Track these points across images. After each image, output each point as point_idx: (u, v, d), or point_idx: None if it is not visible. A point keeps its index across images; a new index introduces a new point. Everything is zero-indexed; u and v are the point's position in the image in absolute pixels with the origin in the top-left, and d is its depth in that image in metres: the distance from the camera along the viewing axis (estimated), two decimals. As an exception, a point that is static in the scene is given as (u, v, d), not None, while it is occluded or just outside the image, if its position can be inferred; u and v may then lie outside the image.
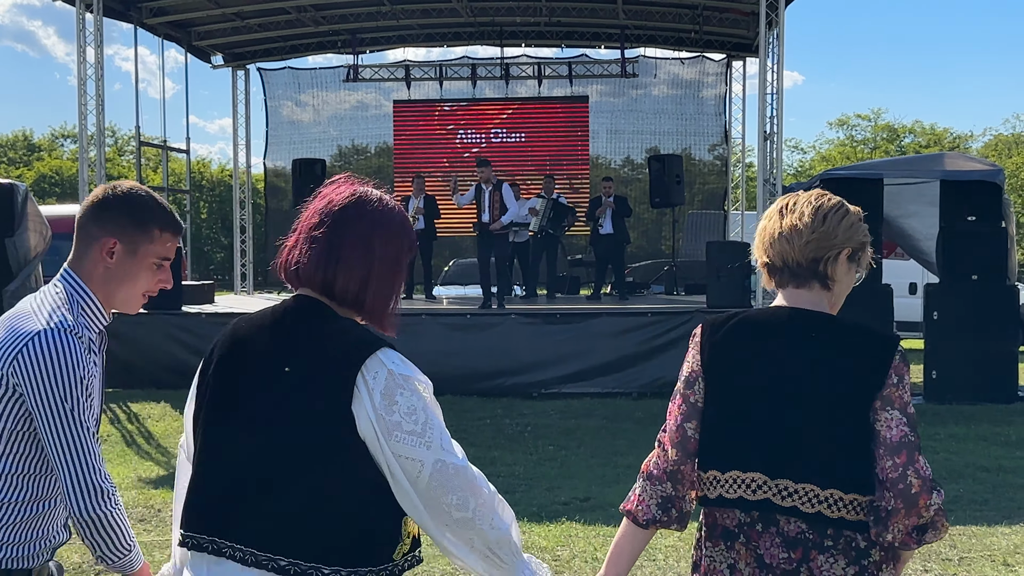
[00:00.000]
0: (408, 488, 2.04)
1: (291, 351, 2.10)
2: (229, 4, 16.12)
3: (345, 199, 2.22)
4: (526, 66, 19.64)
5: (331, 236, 2.16)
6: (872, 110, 50.48)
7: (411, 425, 2.05)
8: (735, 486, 2.33)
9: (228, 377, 2.14)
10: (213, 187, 44.73)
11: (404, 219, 2.29)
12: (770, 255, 2.51)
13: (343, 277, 2.15)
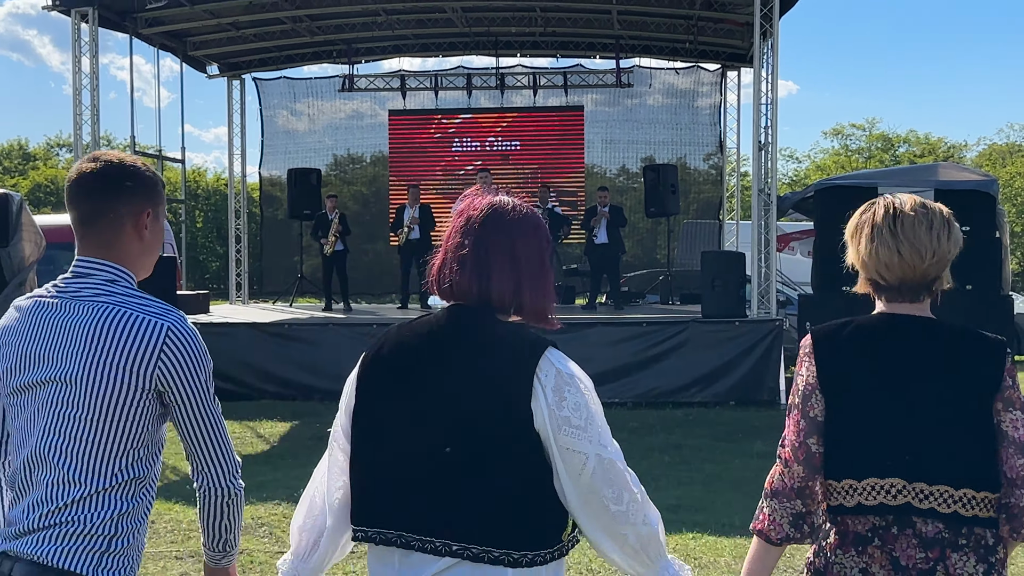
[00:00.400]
0: (569, 481, 2.20)
1: (466, 355, 2.27)
2: (224, 14, 16.12)
3: (482, 213, 2.39)
4: (521, 76, 19.66)
5: (477, 251, 2.34)
6: (866, 119, 50.57)
7: (577, 420, 2.20)
8: (874, 493, 2.42)
9: (404, 381, 2.32)
10: (208, 196, 44.70)
11: (538, 220, 2.45)
12: (885, 277, 2.58)
13: (496, 288, 2.32)
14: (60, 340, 2.33)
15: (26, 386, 2.36)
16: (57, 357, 2.32)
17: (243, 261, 19.35)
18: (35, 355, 2.35)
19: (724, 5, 15.17)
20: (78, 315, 2.34)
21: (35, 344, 2.36)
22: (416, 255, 15.89)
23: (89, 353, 2.30)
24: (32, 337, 2.37)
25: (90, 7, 13.83)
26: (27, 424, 2.36)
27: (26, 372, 2.36)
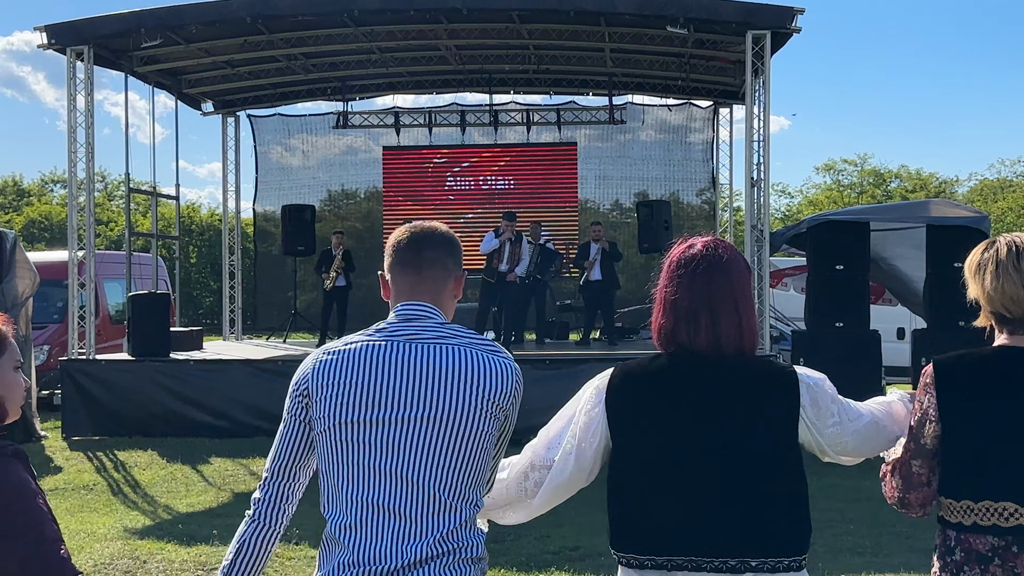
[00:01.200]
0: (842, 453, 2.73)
1: (729, 391, 2.56)
2: (220, 52, 16.21)
3: (694, 261, 2.64)
4: (515, 112, 19.76)
5: (695, 299, 2.61)
6: (858, 155, 50.88)
7: (833, 420, 2.63)
8: (988, 514, 2.63)
9: (663, 420, 2.58)
10: (203, 232, 44.72)
11: (745, 260, 2.71)
12: (1011, 311, 2.73)
13: (725, 331, 2.59)
14: (416, 379, 2.48)
15: (373, 421, 2.47)
16: (418, 395, 2.47)
17: (237, 297, 19.34)
18: (383, 393, 2.47)
19: (716, 44, 15.28)
20: (429, 356, 2.50)
21: (379, 382, 2.48)
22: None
23: (458, 391, 2.47)
24: (373, 376, 2.49)
25: (85, 46, 13.90)
26: (376, 457, 2.45)
27: (372, 409, 2.47)
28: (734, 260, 2.65)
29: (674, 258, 2.69)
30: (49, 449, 12.30)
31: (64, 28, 13.91)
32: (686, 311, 2.61)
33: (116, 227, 42.36)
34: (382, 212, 20.15)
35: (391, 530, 2.41)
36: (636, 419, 2.61)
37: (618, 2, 13.63)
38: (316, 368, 2.57)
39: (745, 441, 2.51)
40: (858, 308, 12.32)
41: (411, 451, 2.44)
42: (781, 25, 13.00)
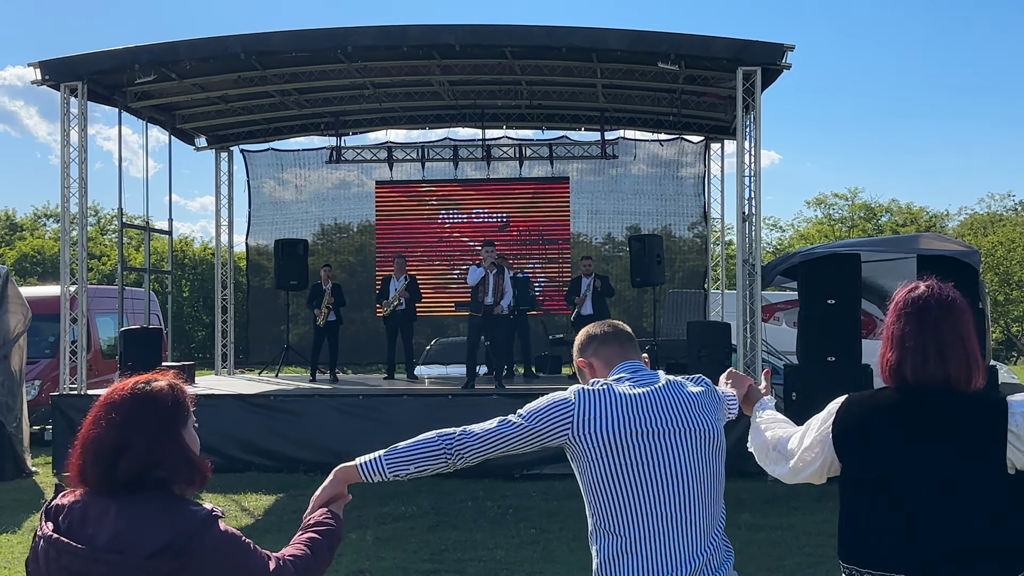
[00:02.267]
0: None
1: (949, 420, 2.81)
2: (213, 88, 16.29)
3: (920, 301, 2.88)
4: (507, 147, 19.85)
5: (924, 336, 2.84)
6: (849, 189, 51.08)
7: None
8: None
9: (902, 441, 2.85)
10: (195, 265, 44.70)
11: (965, 300, 2.93)
12: None
13: (953, 366, 2.83)
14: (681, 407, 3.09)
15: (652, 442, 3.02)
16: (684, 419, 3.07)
17: (229, 331, 19.31)
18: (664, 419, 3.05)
19: (707, 80, 15.40)
20: (679, 392, 3.13)
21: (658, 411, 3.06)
22: (402, 326, 15.91)
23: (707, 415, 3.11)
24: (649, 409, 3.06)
25: (79, 82, 13.95)
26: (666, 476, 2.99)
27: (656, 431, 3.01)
28: (959, 300, 2.89)
29: (899, 300, 2.94)
30: (40, 485, 12.23)
31: (58, 64, 13.98)
32: (914, 347, 2.86)
33: (109, 261, 42.33)
34: (375, 246, 20.18)
35: (686, 538, 2.99)
36: (865, 444, 2.92)
37: (610, 39, 13.73)
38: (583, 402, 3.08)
39: (960, 468, 2.76)
40: (850, 342, 12.35)
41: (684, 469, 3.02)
42: (771, 61, 13.11)
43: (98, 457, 2.37)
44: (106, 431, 2.39)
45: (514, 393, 13.08)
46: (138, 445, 2.38)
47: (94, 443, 2.39)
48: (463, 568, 7.94)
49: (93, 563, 2.27)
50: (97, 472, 2.37)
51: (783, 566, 7.93)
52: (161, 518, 2.34)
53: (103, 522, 2.33)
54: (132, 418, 2.40)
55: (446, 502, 10.64)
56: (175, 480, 2.42)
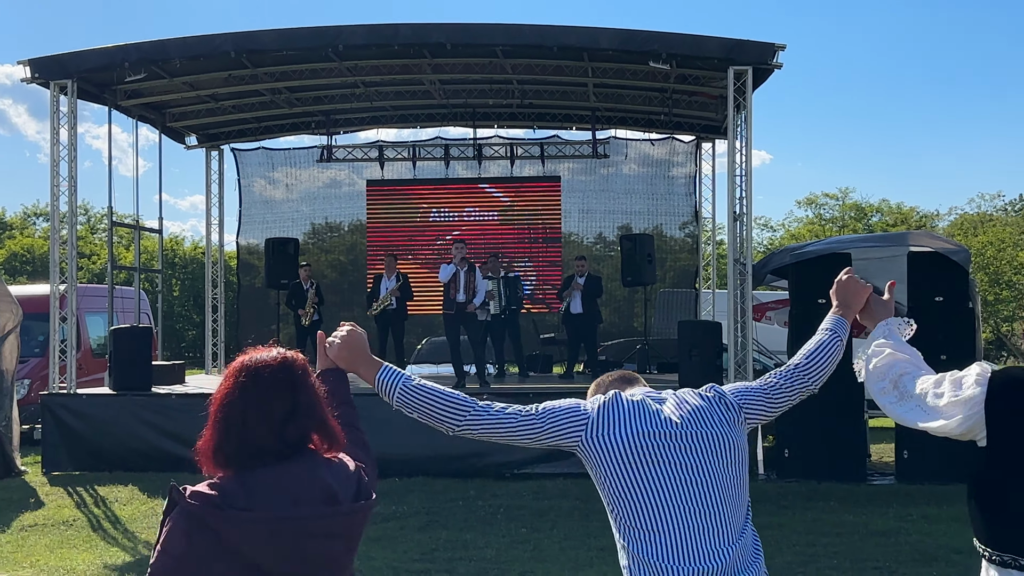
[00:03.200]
0: None
1: None
2: (204, 87, 16.25)
3: None
4: (498, 146, 19.84)
5: None
6: (840, 189, 51.11)
7: None
8: None
9: None
10: (185, 264, 44.62)
11: None
12: None
13: None
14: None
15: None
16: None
17: (219, 330, 19.27)
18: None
19: (698, 79, 15.41)
20: (686, 400, 3.15)
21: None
22: (393, 325, 15.89)
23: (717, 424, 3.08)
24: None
25: (69, 80, 13.91)
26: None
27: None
28: None
29: None
30: (30, 484, 12.20)
31: (48, 62, 13.93)
32: None
33: (99, 260, 42.23)
34: (366, 245, 20.16)
35: (705, 536, 2.93)
36: (1016, 420, 2.86)
37: (601, 38, 13.73)
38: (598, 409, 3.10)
39: None
40: (840, 342, 12.34)
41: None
42: (763, 61, 13.12)
43: (268, 417, 2.39)
44: (272, 392, 2.43)
45: (504, 392, 13.08)
46: (304, 406, 2.44)
47: (258, 404, 2.40)
48: (454, 567, 7.93)
49: (332, 520, 2.37)
50: (268, 434, 2.38)
51: (772, 565, 7.90)
52: (336, 470, 2.47)
53: (309, 483, 2.38)
54: (296, 381, 2.47)
55: (437, 501, 10.63)
56: (327, 443, 2.50)
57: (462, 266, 13.92)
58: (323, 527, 2.35)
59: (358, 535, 2.47)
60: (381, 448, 12.53)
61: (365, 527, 2.50)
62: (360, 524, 2.47)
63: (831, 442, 11.78)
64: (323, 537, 2.35)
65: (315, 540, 2.33)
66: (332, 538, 2.37)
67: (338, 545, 2.40)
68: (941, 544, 8.60)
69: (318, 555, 2.34)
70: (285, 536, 2.29)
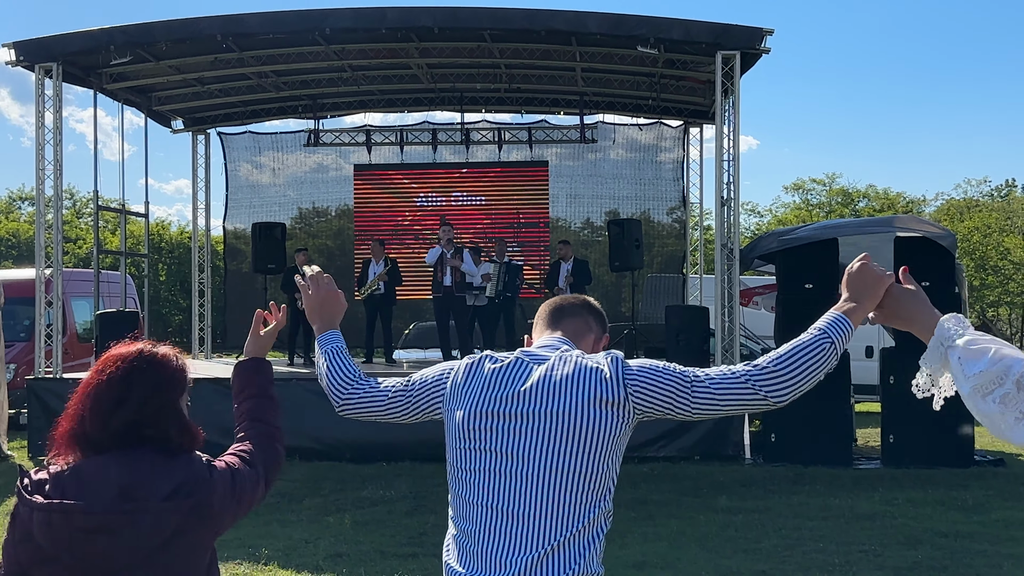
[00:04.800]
0: None
1: None
2: (190, 70, 16.16)
3: None
4: (486, 131, 19.79)
5: None
6: (827, 175, 51.16)
7: None
8: None
9: None
10: (172, 249, 44.45)
11: None
12: None
13: None
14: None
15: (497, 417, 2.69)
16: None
17: (206, 315, 19.22)
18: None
19: (686, 64, 15.40)
20: (529, 372, 2.71)
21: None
22: (381, 310, 15.87)
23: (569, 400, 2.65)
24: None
25: (54, 63, 13.82)
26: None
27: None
28: None
29: None
30: (15, 469, 12.15)
31: (33, 45, 13.83)
32: None
33: (85, 245, 42.03)
34: (353, 230, 20.11)
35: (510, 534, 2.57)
36: None
37: (589, 22, 13.70)
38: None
39: None
40: (827, 326, 12.38)
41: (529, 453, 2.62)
42: (750, 46, 13.12)
43: (97, 406, 2.45)
44: (107, 382, 2.49)
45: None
46: (136, 399, 2.46)
47: (95, 393, 2.48)
48: (441, 552, 7.92)
49: (109, 516, 2.33)
50: (96, 422, 2.44)
51: (760, 548, 7.96)
52: (165, 466, 2.43)
53: (106, 478, 2.38)
54: (134, 373, 2.50)
55: (424, 486, 10.64)
56: (168, 441, 2.49)
57: (448, 248, 13.92)
58: (95, 521, 2.32)
59: (158, 537, 2.35)
60: (368, 433, 12.50)
61: (156, 533, 2.35)
62: (159, 524, 2.35)
63: (817, 426, 11.82)
64: (96, 532, 2.32)
65: (86, 535, 2.32)
66: (108, 534, 2.32)
67: (119, 543, 2.32)
68: (926, 527, 8.65)
69: (91, 551, 2.32)
70: (57, 526, 2.31)
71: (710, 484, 10.77)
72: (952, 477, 10.99)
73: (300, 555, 7.78)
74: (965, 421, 11.81)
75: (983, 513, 9.27)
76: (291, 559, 7.63)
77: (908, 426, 11.82)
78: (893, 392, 12.05)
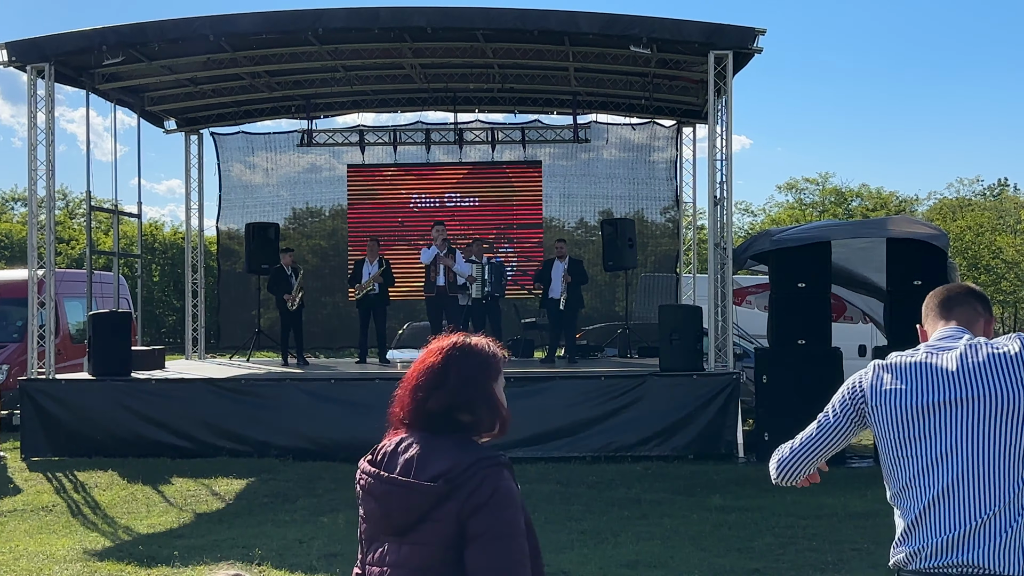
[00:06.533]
0: None
1: None
2: (182, 70, 16.13)
3: None
4: (479, 131, 19.80)
5: None
6: (820, 174, 51.22)
7: None
8: None
9: None
10: (165, 250, 44.40)
11: None
12: None
13: None
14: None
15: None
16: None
17: (200, 315, 19.20)
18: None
19: (679, 63, 15.41)
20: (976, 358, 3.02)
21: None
22: (374, 309, 15.87)
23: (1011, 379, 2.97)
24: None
25: (47, 63, 13.78)
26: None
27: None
28: None
29: None
30: (8, 470, 12.15)
31: (25, 45, 13.80)
32: None
33: (77, 245, 41.97)
34: (347, 230, 20.10)
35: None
36: None
37: (582, 22, 13.71)
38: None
39: None
40: (820, 325, 12.43)
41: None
42: (743, 45, 13.14)
43: (415, 391, 2.72)
44: (427, 370, 2.73)
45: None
46: (452, 384, 2.69)
47: (415, 379, 2.74)
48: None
49: (388, 485, 2.62)
50: (411, 404, 2.72)
51: (753, 547, 7.98)
52: (449, 450, 2.63)
53: (407, 452, 2.67)
54: (451, 361, 2.72)
55: (418, 486, 10.64)
56: (479, 425, 2.72)
57: (442, 248, 13.93)
58: (381, 488, 2.65)
59: (411, 512, 2.59)
60: (364, 433, 12.52)
61: (427, 512, 2.57)
62: (409, 502, 2.59)
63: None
64: (380, 497, 2.65)
65: (373, 500, 2.67)
66: (382, 500, 2.64)
67: (389, 509, 2.63)
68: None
69: (373, 512, 2.68)
70: (364, 494, 2.73)
71: (704, 483, 10.78)
72: (945, 475, 10.99)
73: (294, 555, 7.77)
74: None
75: (975, 511, 9.27)
76: (285, 559, 7.62)
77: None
78: (886, 391, 12.04)
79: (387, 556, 2.63)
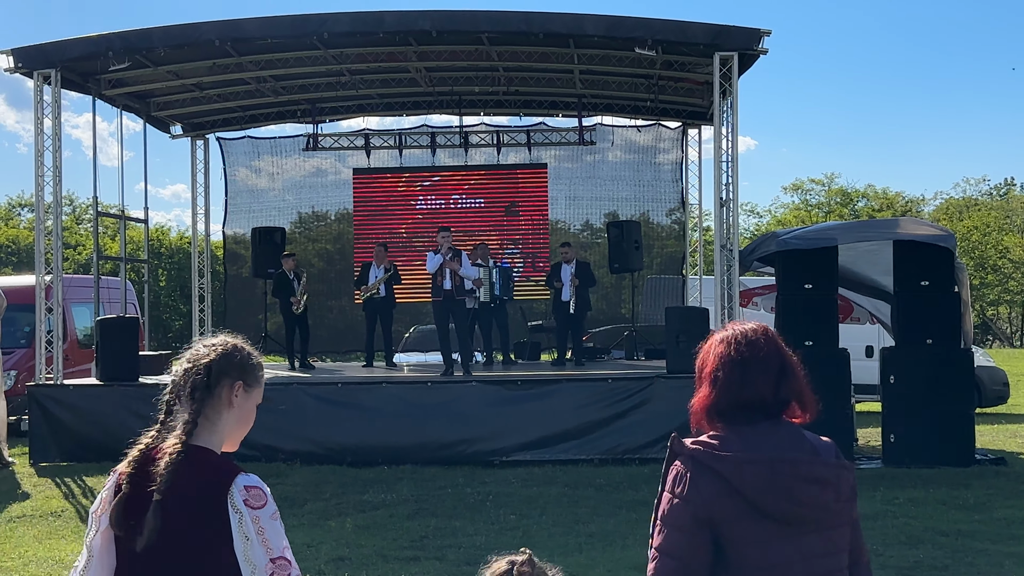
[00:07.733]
0: None
1: None
2: (189, 75, 16.17)
3: None
4: (484, 134, 19.81)
5: None
6: (825, 175, 51.22)
7: None
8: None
9: None
10: (172, 254, 44.47)
11: None
12: None
13: None
14: None
15: None
16: None
17: (207, 320, 19.22)
18: None
19: (684, 65, 15.41)
20: None
21: None
22: (381, 313, 15.87)
23: None
24: None
25: (53, 69, 13.82)
26: None
27: None
28: None
29: None
30: (16, 475, 12.16)
31: (31, 51, 13.84)
32: None
33: (84, 251, 42.07)
34: (353, 234, 20.11)
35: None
36: None
37: (587, 24, 13.71)
38: None
39: None
40: (827, 327, 12.41)
41: None
42: (748, 47, 13.13)
43: (766, 376, 2.66)
44: (767, 355, 2.68)
45: (492, 379, 13.09)
46: (794, 369, 2.71)
47: (757, 364, 2.66)
48: (443, 554, 7.94)
49: (821, 466, 2.59)
50: (764, 391, 2.65)
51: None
52: (817, 439, 2.71)
53: (786, 436, 2.65)
54: (783, 347, 2.72)
55: (426, 489, 10.64)
56: (804, 408, 2.74)
57: (447, 254, 13.93)
58: (812, 472, 2.57)
59: (847, 491, 2.61)
60: (369, 437, 12.54)
61: (852, 492, 2.64)
62: (847, 481, 2.61)
63: (818, 426, 11.74)
64: (813, 482, 2.56)
65: (806, 484, 2.55)
66: (821, 484, 2.56)
67: (828, 493, 2.57)
68: (927, 527, 8.65)
69: (809, 498, 2.55)
70: (782, 477, 2.54)
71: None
72: (953, 476, 10.99)
73: (302, 559, 7.74)
74: (966, 420, 11.82)
75: (984, 512, 9.27)
76: (293, 563, 7.62)
77: (909, 425, 11.83)
78: (893, 391, 12.05)
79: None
